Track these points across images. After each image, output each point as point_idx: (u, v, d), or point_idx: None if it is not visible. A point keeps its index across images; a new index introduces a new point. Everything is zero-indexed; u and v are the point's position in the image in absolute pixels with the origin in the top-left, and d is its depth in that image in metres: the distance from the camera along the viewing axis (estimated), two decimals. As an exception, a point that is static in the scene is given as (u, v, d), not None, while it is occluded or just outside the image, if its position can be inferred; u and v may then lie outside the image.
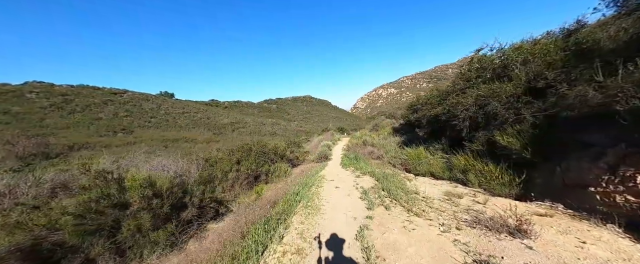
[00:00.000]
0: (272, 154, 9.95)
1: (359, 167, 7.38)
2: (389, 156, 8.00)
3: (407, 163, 6.75)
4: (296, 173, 9.34)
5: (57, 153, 20.54)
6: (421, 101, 10.47)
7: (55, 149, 21.63)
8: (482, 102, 5.15)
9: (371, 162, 8.24)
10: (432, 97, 7.68)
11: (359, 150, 10.74)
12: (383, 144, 9.99)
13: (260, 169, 8.91)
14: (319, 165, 9.63)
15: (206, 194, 5.66)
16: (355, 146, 12.22)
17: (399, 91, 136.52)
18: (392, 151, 8.71)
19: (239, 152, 9.65)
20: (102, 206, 3.57)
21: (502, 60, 5.44)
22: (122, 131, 34.26)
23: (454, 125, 5.90)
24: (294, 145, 12.85)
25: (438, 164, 5.57)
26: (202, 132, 38.73)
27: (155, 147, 25.44)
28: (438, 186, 4.71)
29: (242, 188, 7.76)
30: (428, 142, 7.00)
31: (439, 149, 6.51)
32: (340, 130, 39.62)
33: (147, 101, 47.02)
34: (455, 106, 5.74)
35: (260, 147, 10.06)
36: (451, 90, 6.40)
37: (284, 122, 56.83)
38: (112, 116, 38.70)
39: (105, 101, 42.73)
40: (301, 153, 11.90)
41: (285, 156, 10.46)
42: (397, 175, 5.81)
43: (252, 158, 9.12)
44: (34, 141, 21.13)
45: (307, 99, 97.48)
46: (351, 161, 8.62)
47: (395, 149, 8.83)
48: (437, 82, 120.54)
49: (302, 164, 11.42)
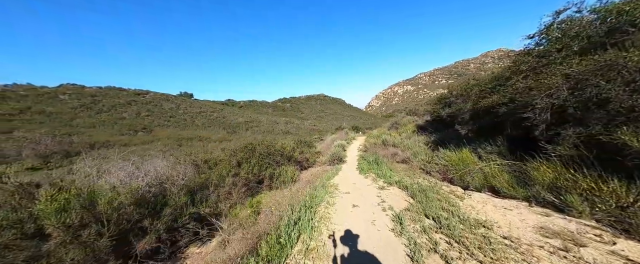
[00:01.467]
0: (278, 156, 8.61)
1: (381, 173, 5.77)
2: (419, 160, 6.29)
3: (448, 170, 5.02)
4: (305, 178, 7.90)
5: (78, 151, 20.85)
6: (457, 92, 8.56)
7: (77, 147, 22.09)
8: (577, 84, 3.34)
9: (396, 168, 6.58)
10: (480, 85, 5.81)
11: (379, 151, 9.07)
12: (408, 145, 8.25)
13: (263, 173, 7.60)
14: (331, 169, 8.12)
15: (187, 209, 4.41)
16: (373, 146, 10.54)
17: (415, 88, 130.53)
18: (421, 153, 6.96)
19: (241, 153, 8.42)
20: (7, 237, 2.36)
21: (606, 21, 3.57)
22: (142, 129, 35.03)
23: (520, 119, 4.11)
24: (304, 145, 11.43)
25: (501, 174, 3.82)
26: (217, 131, 38.77)
27: (170, 146, 25.40)
28: (513, 211, 3.00)
29: (241, 196, 6.46)
30: (474, 143, 5.22)
31: (493, 153, 4.72)
32: (354, 129, 37.72)
33: (167, 101, 48.26)
34: (525, 91, 3.95)
35: (265, 148, 8.76)
36: (514, 71, 4.57)
37: (298, 121, 55.90)
38: (134, 115, 39.98)
39: (129, 101, 44.35)
40: (312, 154, 10.47)
41: (293, 158, 9.08)
42: (439, 188, 4.14)
43: (254, 160, 7.84)
44: (58, 139, 21.69)
45: (321, 97, 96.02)
46: (370, 165, 7.01)
47: (426, 151, 7.07)
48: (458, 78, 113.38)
49: (312, 166, 9.98)
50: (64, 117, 33.95)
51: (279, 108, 71.50)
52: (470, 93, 8.10)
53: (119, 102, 42.68)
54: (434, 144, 7.71)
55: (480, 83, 5.76)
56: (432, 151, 7.10)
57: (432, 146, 7.53)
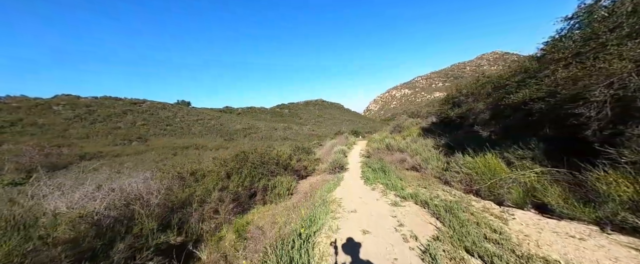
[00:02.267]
0: (272, 165, 7.73)
1: (391, 184, 4.91)
2: (432, 167, 5.44)
3: (472, 180, 4.18)
4: (303, 189, 7.01)
5: (66, 164, 19.83)
6: (467, 91, 7.81)
7: (66, 159, 21.06)
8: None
9: (406, 176, 5.72)
10: (502, 78, 5.00)
11: (384, 157, 8.22)
12: (417, 149, 7.41)
13: (256, 185, 6.71)
14: (332, 178, 7.25)
15: (153, 239, 3.51)
16: (376, 151, 9.69)
17: (413, 91, 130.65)
18: (433, 158, 6.12)
19: (231, 163, 7.54)
20: None
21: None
22: (138, 139, 34.03)
23: (564, 116, 3.31)
24: (302, 152, 10.56)
25: (549, 187, 2.98)
26: (214, 138, 37.84)
27: (164, 155, 24.43)
28: (587, 241, 2.15)
29: (229, 214, 5.56)
30: (499, 146, 4.41)
31: (526, 158, 3.90)
32: (354, 133, 36.92)
33: (163, 110, 47.42)
34: (570, 82, 3.16)
35: (258, 156, 7.88)
36: (549, 60, 3.78)
37: (296, 127, 55.11)
38: (130, 125, 39.06)
39: (125, 110, 43.48)
40: (310, 161, 9.59)
41: (289, 166, 8.19)
42: (467, 205, 3.29)
43: (246, 171, 6.96)
44: (46, 151, 20.67)
45: (319, 102, 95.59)
46: (376, 174, 6.15)
47: (438, 156, 6.23)
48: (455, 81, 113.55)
49: (312, 174, 9.09)
50: (56, 128, 32.97)
51: (278, 114, 70.81)
52: (482, 91, 7.34)
53: (115, 111, 41.80)
54: (445, 148, 6.87)
55: (503, 77, 4.97)
56: (445, 155, 6.27)
57: (444, 150, 6.70)
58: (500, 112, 4.70)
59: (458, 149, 6.28)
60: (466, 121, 7.82)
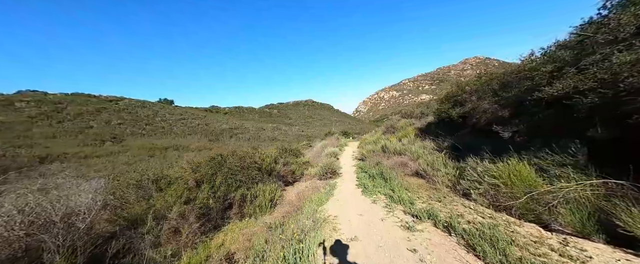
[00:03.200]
0: (254, 170, 6.59)
1: (396, 197, 3.97)
2: (442, 175, 4.56)
3: (498, 193, 3.32)
4: (289, 199, 5.93)
5: (21, 167, 17.40)
6: (471, 88, 7.10)
7: (22, 162, 18.55)
8: None
9: (410, 185, 4.81)
10: (527, 69, 4.15)
11: (382, 160, 7.33)
12: (418, 152, 6.58)
13: (232, 195, 5.55)
14: (323, 185, 6.24)
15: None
16: (371, 153, 8.81)
17: (400, 93, 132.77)
18: (439, 163, 5.27)
19: (205, 168, 6.32)
20: None
21: None
22: (112, 139, 31.31)
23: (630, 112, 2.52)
24: (289, 154, 9.47)
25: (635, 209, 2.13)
26: (198, 139, 35.66)
27: (140, 157, 22.35)
28: None
29: (194, 235, 4.38)
30: (525, 150, 3.60)
31: (566, 165, 3.10)
32: (344, 134, 36.17)
33: (143, 108, 44.39)
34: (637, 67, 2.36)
35: (238, 160, 6.71)
36: (606, 41, 2.97)
37: (285, 127, 53.68)
38: (104, 124, 36.03)
39: (100, 108, 40.19)
40: (299, 165, 8.53)
41: (274, 171, 7.08)
42: (509, 230, 2.39)
43: (220, 178, 5.79)
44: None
45: (309, 103, 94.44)
46: (376, 182, 5.21)
47: (444, 160, 5.40)
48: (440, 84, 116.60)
49: (300, 180, 8.03)
50: (18, 127, 29.62)
51: (266, 114, 68.90)
52: (487, 89, 6.64)
53: (87, 109, 38.49)
54: (450, 151, 6.07)
55: (524, 68, 4.15)
56: (452, 160, 5.44)
57: (449, 154, 5.88)
58: (524, 109, 3.91)
59: (467, 152, 5.48)
60: (470, 121, 7.11)
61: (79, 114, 37.26)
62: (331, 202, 4.52)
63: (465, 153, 5.48)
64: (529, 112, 3.84)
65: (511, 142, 3.91)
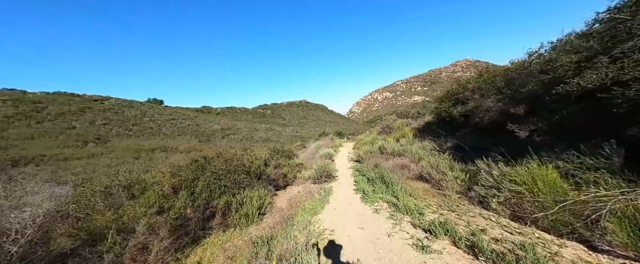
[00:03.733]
0: (241, 174, 5.93)
1: (402, 206, 3.44)
2: (450, 179, 4.07)
3: (521, 201, 2.84)
4: (280, 206, 5.32)
5: (-10, 170, 16.02)
6: (474, 85, 6.71)
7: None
8: None
9: (415, 190, 4.30)
10: (558, 56, 3.61)
11: (380, 162, 6.82)
12: (419, 154, 6.10)
13: (215, 203, 4.90)
14: (318, 190, 5.66)
15: None
16: (368, 155, 8.30)
17: (394, 94, 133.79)
18: (444, 165, 4.80)
19: (187, 171, 5.63)
20: None
21: None
22: (96, 140, 29.75)
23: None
24: (282, 156, 8.84)
25: None
26: (188, 139, 34.39)
27: (124, 158, 21.14)
28: None
29: (166, 253, 3.71)
30: (545, 151, 3.16)
31: (600, 169, 2.65)
32: (338, 134, 35.71)
33: (131, 108, 42.61)
34: None
35: (223, 163, 6.04)
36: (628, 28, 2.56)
37: (279, 128, 52.81)
38: (88, 124, 34.27)
39: (83, 108, 38.27)
40: (291, 167, 7.92)
41: (264, 175, 6.45)
42: (550, 252, 1.89)
43: (202, 183, 5.12)
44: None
45: (303, 103, 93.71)
46: (376, 187, 4.68)
47: (449, 162, 4.93)
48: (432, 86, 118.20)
49: (292, 183, 7.42)
50: (-9, 127, 27.74)
51: (260, 114, 67.75)
52: (491, 86, 6.26)
53: (69, 109, 36.58)
54: (454, 152, 5.62)
55: (560, 52, 3.66)
56: (457, 162, 4.98)
57: (453, 155, 5.43)
58: (541, 105, 3.47)
59: (473, 153, 5.04)
60: (472, 120, 6.70)
61: (61, 114, 35.37)
62: (327, 211, 3.95)
63: (472, 154, 5.03)
64: (549, 109, 3.40)
65: (529, 142, 3.46)
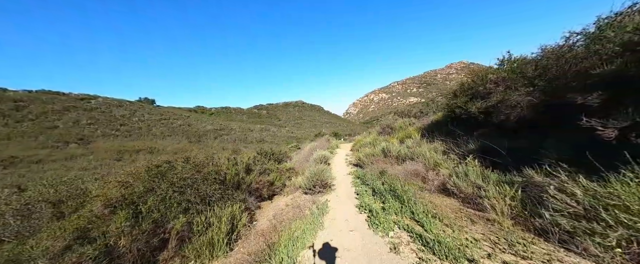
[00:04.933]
0: (213, 184, 4.63)
1: (431, 236, 2.22)
2: (495, 196, 2.86)
3: None
4: (260, 228, 4.05)
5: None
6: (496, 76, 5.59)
7: (-48, 167, 15.40)
8: None
9: (440, 209, 3.09)
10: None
11: (385, 168, 5.61)
12: (434, 158, 4.91)
13: (171, 225, 3.60)
14: (310, 204, 4.40)
15: None
16: (370, 158, 7.09)
17: (390, 96, 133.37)
18: (473, 174, 3.61)
19: (141, 181, 4.30)
20: None
21: None
22: (79, 140, 27.94)
23: None
24: (271, 159, 7.55)
25: None
26: (178, 140, 32.70)
27: (104, 160, 19.48)
28: None
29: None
30: None
31: None
32: (335, 135, 34.51)
33: (119, 108, 40.62)
34: None
35: (192, 169, 4.73)
36: None
37: (274, 128, 51.35)
38: (72, 124, 32.29)
39: (68, 107, 36.21)
40: (280, 173, 6.64)
41: (243, 184, 5.15)
42: None
43: (154, 198, 3.81)
44: None
45: (299, 104, 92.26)
46: (388, 205, 3.44)
47: (482, 171, 3.74)
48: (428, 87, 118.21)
49: (281, 192, 6.14)
50: (-37, 127, 25.73)
51: (255, 115, 66.11)
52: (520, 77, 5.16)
53: (53, 108, 34.54)
54: (480, 157, 4.43)
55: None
56: (491, 170, 3.80)
57: (481, 160, 4.23)
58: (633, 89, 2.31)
59: (513, 159, 3.86)
60: (497, 117, 5.55)
61: (43, 112, 33.32)
62: (321, 240, 2.70)
63: (511, 160, 3.85)
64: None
65: (624, 145, 2.28)
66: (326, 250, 2.55)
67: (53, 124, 31.26)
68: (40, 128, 29.38)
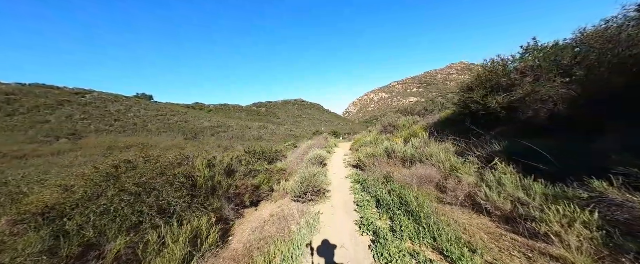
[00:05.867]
0: (182, 190, 3.74)
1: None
2: (558, 220, 1.98)
3: None
4: (233, 248, 3.16)
5: None
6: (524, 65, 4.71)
7: None
8: None
9: (475, 235, 2.17)
10: None
11: (390, 171, 4.71)
12: (451, 162, 4.02)
13: (110, 246, 2.73)
14: (299, 217, 3.52)
15: None
16: (372, 159, 6.19)
17: (390, 95, 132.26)
18: (512, 186, 2.71)
19: (86, 186, 3.41)
20: None
21: None
22: (70, 136, 27.02)
23: None
24: (259, 157, 6.65)
25: None
26: (174, 137, 31.76)
27: (92, 157, 18.55)
28: None
29: None
30: None
31: None
32: (334, 134, 33.59)
33: (114, 103, 39.62)
34: None
35: (155, 170, 3.85)
36: None
37: (273, 126, 50.43)
38: (64, 119, 31.30)
39: (62, 101, 35.22)
40: (269, 175, 5.75)
41: (220, 190, 4.25)
42: None
43: (93, 208, 2.93)
44: None
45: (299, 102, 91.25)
46: (399, 224, 2.53)
47: (521, 181, 2.84)
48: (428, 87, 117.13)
49: (268, 197, 5.24)
50: (-51, 120, 24.77)
51: (254, 113, 65.13)
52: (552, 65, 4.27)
53: (46, 102, 33.55)
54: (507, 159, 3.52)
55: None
56: (532, 180, 2.90)
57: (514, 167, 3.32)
58: None
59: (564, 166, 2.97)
60: (525, 113, 4.66)
61: (36, 106, 32.33)
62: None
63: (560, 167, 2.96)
64: None
65: None
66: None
67: (45, 119, 30.30)
68: (31, 122, 28.42)
